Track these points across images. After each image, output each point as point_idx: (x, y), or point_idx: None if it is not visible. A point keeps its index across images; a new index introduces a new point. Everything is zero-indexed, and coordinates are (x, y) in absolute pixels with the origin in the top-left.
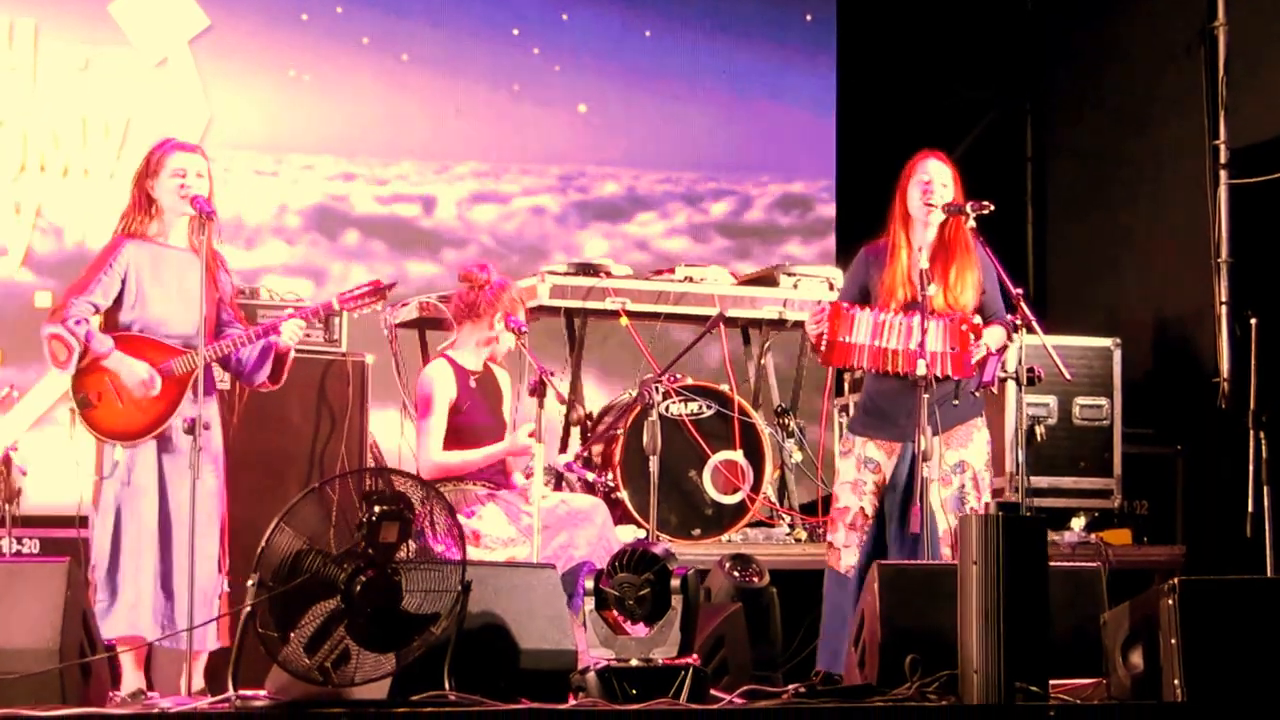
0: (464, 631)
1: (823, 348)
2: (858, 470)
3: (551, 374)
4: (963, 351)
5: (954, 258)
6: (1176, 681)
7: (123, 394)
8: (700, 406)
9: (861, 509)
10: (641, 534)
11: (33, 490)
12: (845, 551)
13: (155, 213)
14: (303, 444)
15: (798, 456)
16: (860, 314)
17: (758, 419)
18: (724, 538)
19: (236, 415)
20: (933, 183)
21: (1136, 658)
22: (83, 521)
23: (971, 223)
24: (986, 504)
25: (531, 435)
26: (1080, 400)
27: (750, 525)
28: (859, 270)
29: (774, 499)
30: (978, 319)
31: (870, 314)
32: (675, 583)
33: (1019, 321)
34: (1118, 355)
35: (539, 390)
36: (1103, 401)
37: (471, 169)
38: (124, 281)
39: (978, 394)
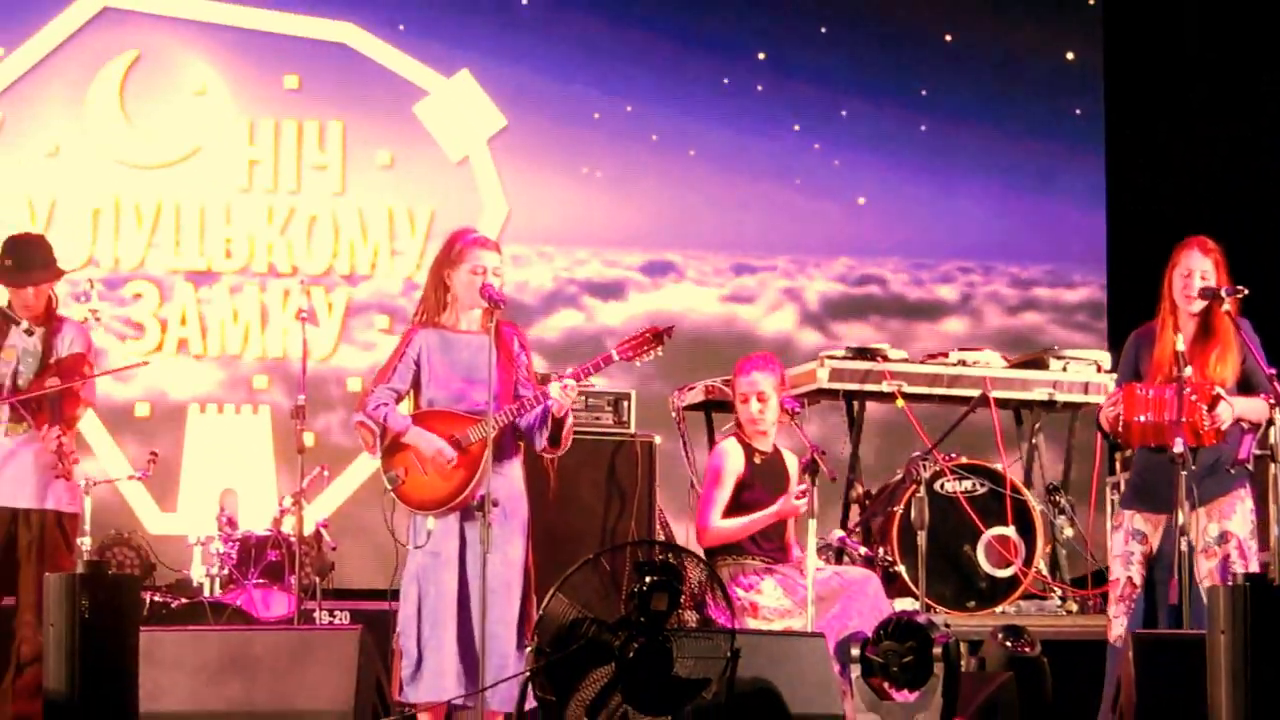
0: (734, 696)
1: (1120, 428)
2: (1125, 542)
3: (823, 453)
4: (1190, 418)
5: (1213, 339)
6: None
7: (425, 465)
8: (974, 484)
9: (1130, 579)
10: (917, 606)
11: (351, 566)
12: (1115, 622)
13: (449, 301)
14: (594, 521)
15: (1069, 532)
16: (1145, 394)
17: (1029, 496)
18: (997, 610)
19: (548, 489)
20: (1192, 275)
21: None
22: (394, 594)
23: (1228, 306)
24: (1236, 574)
25: (800, 496)
26: None
27: (1022, 598)
28: (1130, 352)
29: (1045, 573)
30: (1218, 389)
31: (1149, 391)
32: (937, 650)
33: (1275, 401)
34: None
35: (811, 468)
36: None
37: (758, 259)
38: (418, 365)
39: (1233, 470)
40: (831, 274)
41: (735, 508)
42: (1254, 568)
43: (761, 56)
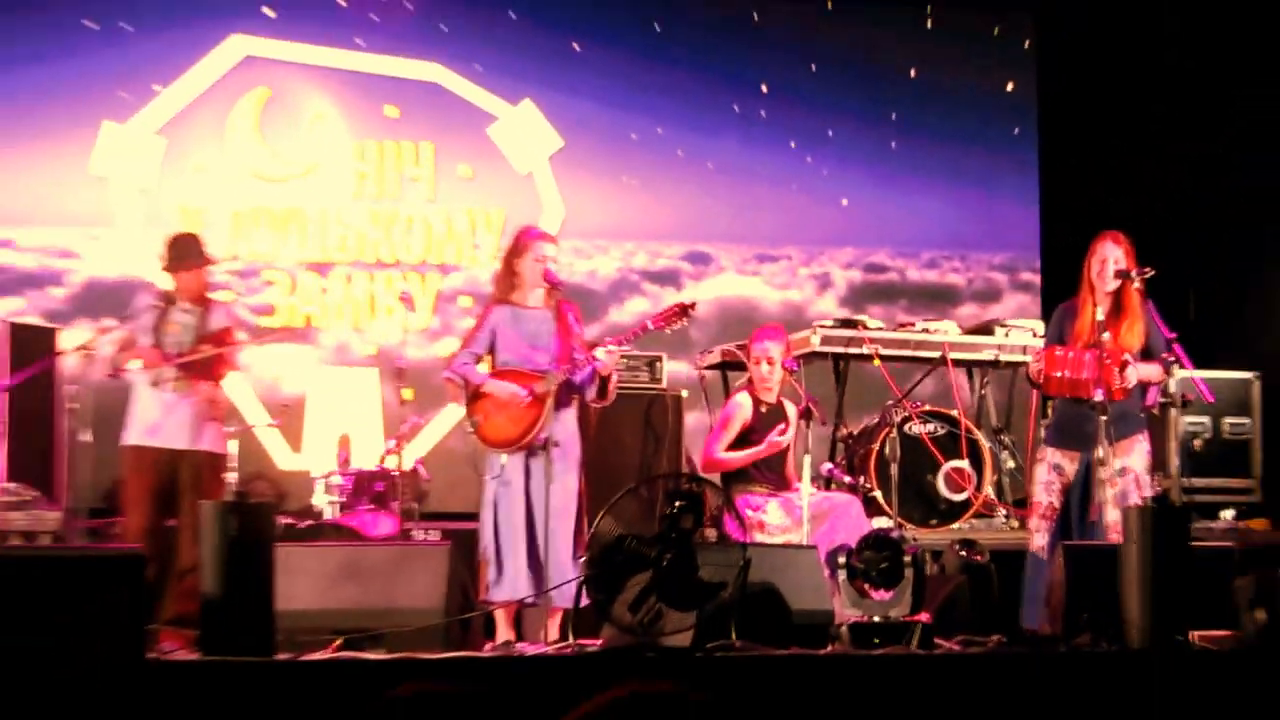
0: (746, 596)
1: (1041, 381)
2: (1047, 473)
3: (816, 401)
4: (1104, 378)
5: (1124, 313)
6: None
7: (501, 410)
8: (935, 427)
9: (1050, 503)
10: (890, 524)
11: (441, 494)
12: (1036, 535)
13: (518, 283)
14: (634, 459)
15: (1011, 464)
16: (1065, 355)
17: (980, 436)
18: (954, 526)
19: (591, 432)
20: (1107, 262)
21: (1260, 614)
22: (475, 516)
23: (1137, 284)
24: (1144, 498)
25: (781, 433)
26: (1228, 419)
27: (974, 517)
28: (1057, 321)
29: (993, 496)
30: (1126, 356)
31: (1069, 353)
32: (907, 559)
33: (1173, 359)
34: (1257, 385)
35: (806, 414)
36: (1246, 420)
37: (772, 249)
38: (493, 335)
39: (1141, 414)
40: (841, 262)
41: (743, 445)
42: (1148, 494)
43: (764, 88)
